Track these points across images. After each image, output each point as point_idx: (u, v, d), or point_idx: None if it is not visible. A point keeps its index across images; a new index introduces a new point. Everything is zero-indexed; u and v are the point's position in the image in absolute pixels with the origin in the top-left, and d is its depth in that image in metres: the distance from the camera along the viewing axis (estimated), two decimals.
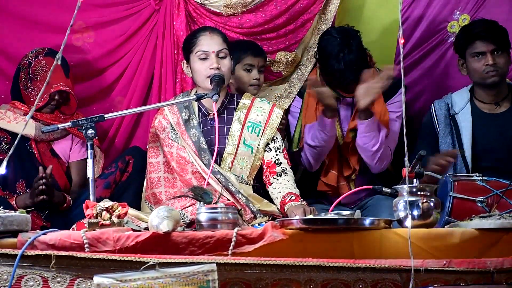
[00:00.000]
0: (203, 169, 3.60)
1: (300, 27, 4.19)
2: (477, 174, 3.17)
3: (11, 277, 2.52)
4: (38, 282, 2.54)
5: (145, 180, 3.77)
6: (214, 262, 2.52)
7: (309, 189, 3.89)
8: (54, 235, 2.63)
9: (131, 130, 4.23)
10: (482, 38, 3.86)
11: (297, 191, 3.59)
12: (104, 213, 2.75)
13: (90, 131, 3.13)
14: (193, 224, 3.19)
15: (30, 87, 3.81)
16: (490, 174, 3.28)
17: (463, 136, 3.96)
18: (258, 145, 3.70)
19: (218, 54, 3.67)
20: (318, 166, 3.95)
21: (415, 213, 2.82)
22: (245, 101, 3.79)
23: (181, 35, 4.10)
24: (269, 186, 3.67)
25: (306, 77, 4.19)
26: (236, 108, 3.77)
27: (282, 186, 3.61)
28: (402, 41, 2.61)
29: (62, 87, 3.79)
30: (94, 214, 2.75)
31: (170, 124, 3.72)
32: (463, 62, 3.97)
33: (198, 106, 3.75)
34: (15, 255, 2.53)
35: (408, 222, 2.73)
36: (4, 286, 2.53)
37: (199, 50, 3.67)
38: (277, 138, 3.74)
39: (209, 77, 3.62)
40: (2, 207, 2.74)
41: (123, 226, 2.78)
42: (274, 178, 3.65)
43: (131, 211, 3.16)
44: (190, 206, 3.43)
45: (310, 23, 4.17)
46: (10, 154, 2.48)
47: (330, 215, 2.86)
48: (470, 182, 3.14)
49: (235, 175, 3.62)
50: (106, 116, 3.25)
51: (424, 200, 2.83)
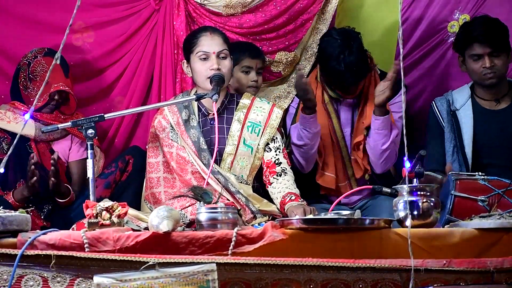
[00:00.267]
0: (203, 169, 3.59)
1: (299, 27, 4.18)
2: (479, 173, 3.17)
3: (11, 277, 2.52)
4: (38, 282, 2.54)
5: (144, 180, 3.77)
6: (214, 262, 2.52)
7: (309, 189, 3.88)
8: (54, 235, 2.63)
9: (131, 130, 4.23)
10: (479, 41, 3.86)
11: (297, 191, 3.58)
12: (104, 213, 2.75)
13: (90, 131, 3.14)
14: (193, 224, 3.19)
15: (30, 87, 3.81)
16: (491, 171, 3.27)
17: (464, 132, 3.96)
18: (258, 145, 3.70)
19: (218, 55, 3.66)
20: (310, 167, 3.93)
21: (415, 213, 2.82)
22: (245, 101, 3.79)
23: (181, 35, 4.10)
24: (269, 186, 3.66)
25: (305, 76, 4.18)
26: (236, 108, 3.76)
27: (282, 186, 3.61)
28: (401, 42, 2.61)
29: (61, 87, 3.78)
30: (94, 214, 2.75)
31: (170, 124, 3.72)
32: (463, 59, 3.97)
33: (198, 106, 3.74)
34: (15, 255, 2.53)
35: (408, 222, 2.73)
36: (4, 286, 2.53)
37: (200, 51, 3.67)
38: (277, 138, 3.73)
39: (209, 77, 3.62)
40: (2, 207, 2.74)
41: (123, 226, 2.78)
42: (274, 178, 3.65)
43: (131, 211, 3.15)
44: (189, 206, 3.43)
45: (310, 23, 4.17)
46: (9, 153, 2.49)
47: (330, 215, 2.86)
48: (472, 181, 3.13)
49: (235, 175, 3.62)
50: (106, 116, 3.25)
51: (424, 200, 2.83)
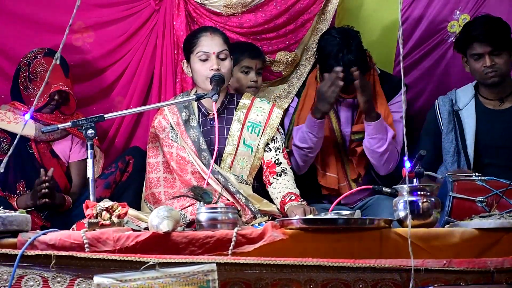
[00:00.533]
0: (203, 169, 3.59)
1: (300, 27, 4.18)
2: (476, 174, 3.16)
3: (11, 277, 2.52)
4: (38, 282, 2.54)
5: (144, 180, 3.77)
6: (214, 262, 2.52)
7: (309, 189, 3.88)
8: (54, 235, 2.63)
9: (131, 130, 4.23)
10: (479, 40, 3.85)
11: (297, 191, 3.58)
12: (104, 213, 2.75)
13: (90, 131, 3.13)
14: (193, 224, 3.19)
15: (30, 88, 3.81)
16: (493, 171, 3.27)
17: (467, 132, 3.95)
18: (258, 145, 3.70)
19: (218, 55, 3.66)
20: (306, 169, 3.91)
21: (415, 213, 2.82)
22: (245, 101, 3.79)
23: (181, 35, 4.10)
24: (269, 186, 3.66)
25: (305, 76, 4.18)
26: (236, 108, 3.76)
27: (282, 186, 3.61)
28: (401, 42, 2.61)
29: (61, 87, 3.78)
30: (94, 214, 2.75)
31: (170, 124, 3.72)
32: (466, 59, 3.97)
33: (198, 106, 3.74)
34: (15, 255, 2.52)
35: (408, 222, 2.73)
36: (4, 286, 2.53)
37: (200, 51, 3.66)
38: (277, 138, 3.73)
39: (209, 78, 3.61)
40: (2, 207, 2.74)
41: (123, 226, 2.78)
42: (274, 178, 3.65)
43: (131, 211, 3.15)
44: (189, 206, 3.43)
45: (310, 23, 4.17)
46: (9, 154, 2.48)
47: (330, 215, 2.85)
48: (470, 182, 3.12)
49: (235, 175, 3.62)
50: (106, 116, 3.25)
51: (424, 200, 2.83)
